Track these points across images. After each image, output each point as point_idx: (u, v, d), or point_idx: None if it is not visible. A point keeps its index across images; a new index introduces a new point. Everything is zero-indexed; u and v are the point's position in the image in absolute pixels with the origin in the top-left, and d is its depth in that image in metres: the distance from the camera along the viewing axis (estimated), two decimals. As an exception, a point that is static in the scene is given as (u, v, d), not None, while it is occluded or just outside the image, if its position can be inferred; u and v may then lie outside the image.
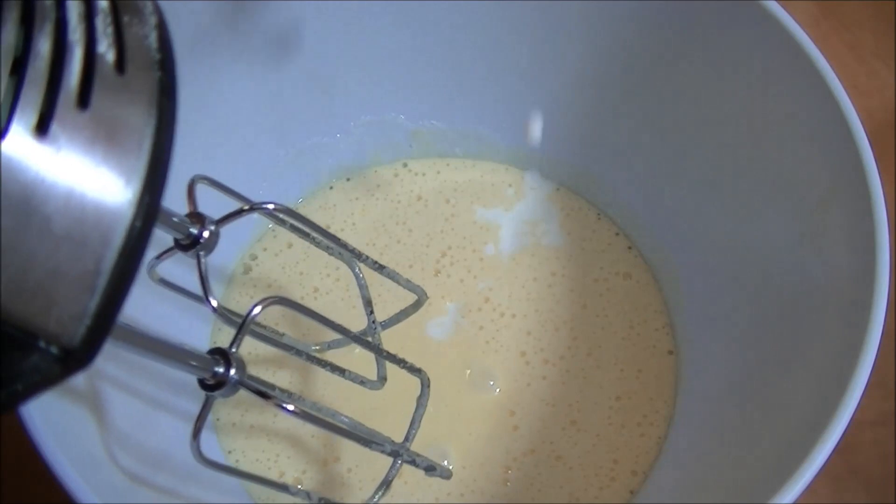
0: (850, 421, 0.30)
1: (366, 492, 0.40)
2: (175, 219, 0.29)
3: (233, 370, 0.28)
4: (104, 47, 0.19)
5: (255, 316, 0.29)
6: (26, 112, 0.18)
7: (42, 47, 0.18)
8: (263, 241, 0.47)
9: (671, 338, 0.44)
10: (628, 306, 0.46)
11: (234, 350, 0.28)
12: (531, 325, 0.45)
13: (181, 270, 0.35)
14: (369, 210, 0.49)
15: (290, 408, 0.29)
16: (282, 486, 0.33)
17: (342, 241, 0.35)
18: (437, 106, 0.49)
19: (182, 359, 0.27)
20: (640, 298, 0.46)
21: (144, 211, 0.19)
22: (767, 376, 0.37)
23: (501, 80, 0.47)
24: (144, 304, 0.31)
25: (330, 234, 0.35)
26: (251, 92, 0.44)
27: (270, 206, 0.33)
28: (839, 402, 0.30)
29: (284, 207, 0.33)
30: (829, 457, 0.30)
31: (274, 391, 0.29)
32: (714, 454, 0.38)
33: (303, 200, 0.49)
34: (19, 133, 0.18)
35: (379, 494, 0.35)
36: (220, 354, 0.28)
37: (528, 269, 0.47)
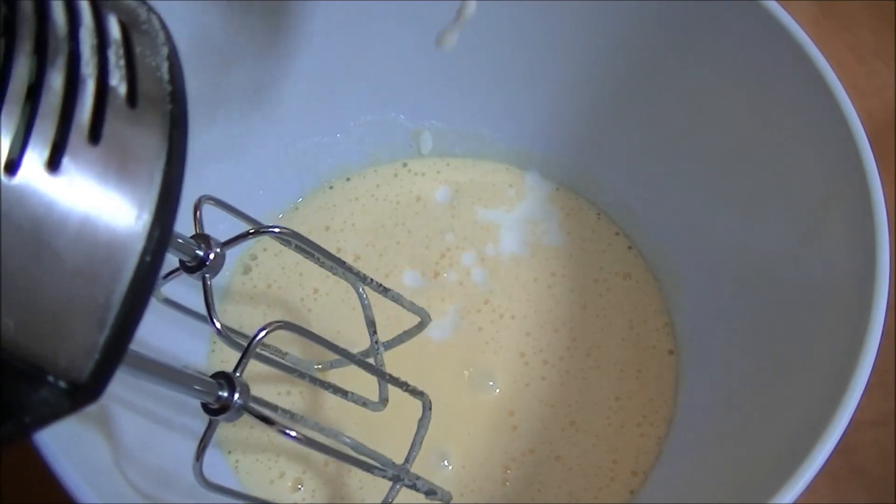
0: (850, 421, 0.30)
1: (366, 492, 0.40)
2: (180, 240, 0.29)
3: (237, 395, 0.28)
4: (116, 80, 0.19)
5: (260, 340, 0.29)
6: (38, 146, 0.18)
7: (55, 81, 0.18)
8: (263, 241, 0.47)
9: (671, 338, 0.44)
10: (628, 306, 0.45)
11: (238, 374, 0.28)
12: (530, 326, 0.45)
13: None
14: (369, 210, 0.49)
15: (294, 434, 0.29)
16: None
17: (347, 263, 0.35)
18: (437, 106, 0.49)
19: (186, 383, 0.26)
20: (640, 298, 0.46)
21: (154, 245, 0.19)
22: (767, 376, 0.37)
23: (501, 80, 0.47)
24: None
25: (335, 257, 0.35)
26: (251, 91, 0.44)
27: (276, 230, 0.33)
28: (839, 402, 0.30)
29: (291, 231, 0.33)
30: (829, 457, 0.30)
31: (277, 412, 0.29)
32: (714, 454, 0.38)
33: (303, 200, 0.49)
34: (31, 168, 0.17)
35: None
36: (224, 378, 0.28)
37: (528, 269, 0.47)
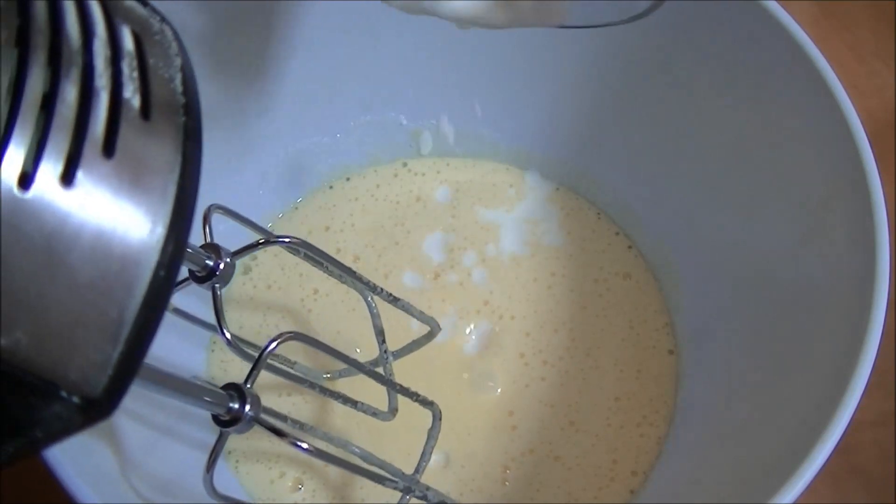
0: (850, 421, 0.30)
1: (367, 492, 0.40)
2: (190, 251, 0.28)
3: (248, 406, 0.28)
4: (130, 92, 0.19)
5: (271, 352, 0.29)
6: (52, 160, 0.17)
7: (69, 94, 0.18)
8: (263, 242, 0.47)
9: (671, 338, 0.44)
10: (628, 306, 0.45)
11: (248, 386, 0.28)
12: (530, 327, 0.45)
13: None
14: (369, 210, 0.49)
15: (305, 446, 0.29)
16: None
17: (357, 273, 0.35)
18: (437, 106, 0.49)
19: (197, 395, 0.26)
20: (640, 298, 0.46)
21: (169, 259, 0.19)
22: (767, 376, 0.37)
23: (502, 81, 0.47)
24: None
25: (344, 266, 0.35)
26: (251, 91, 0.44)
27: (286, 239, 0.33)
28: (839, 402, 0.30)
29: (301, 241, 0.33)
30: (829, 457, 0.30)
31: (287, 423, 0.29)
32: (714, 454, 0.38)
33: (302, 200, 0.49)
34: (45, 181, 0.17)
35: None
36: (235, 390, 0.28)
37: (527, 269, 0.47)
